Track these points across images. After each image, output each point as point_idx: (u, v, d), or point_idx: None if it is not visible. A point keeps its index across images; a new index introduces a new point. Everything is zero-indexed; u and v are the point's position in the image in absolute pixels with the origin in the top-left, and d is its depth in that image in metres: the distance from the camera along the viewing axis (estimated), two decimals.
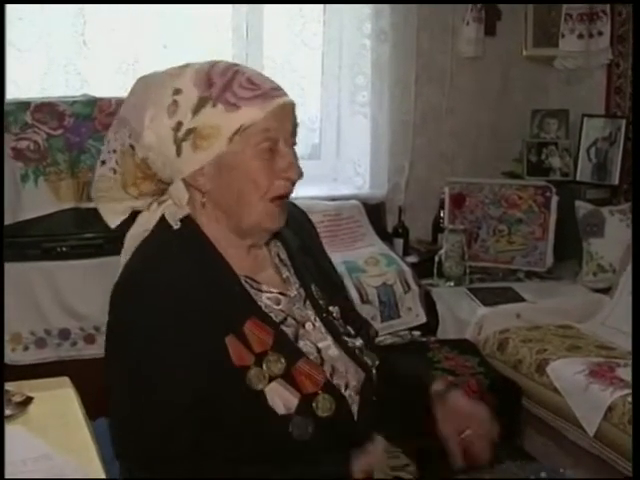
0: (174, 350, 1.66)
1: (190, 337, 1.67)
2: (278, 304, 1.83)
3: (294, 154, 1.79)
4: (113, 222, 1.89)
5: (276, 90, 1.77)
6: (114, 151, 1.87)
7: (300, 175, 1.79)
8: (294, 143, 1.81)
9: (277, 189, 1.76)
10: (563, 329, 4.02)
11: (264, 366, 1.71)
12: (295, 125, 1.80)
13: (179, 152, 1.74)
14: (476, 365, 3.82)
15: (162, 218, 1.83)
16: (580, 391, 3.44)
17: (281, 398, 1.70)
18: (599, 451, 3.36)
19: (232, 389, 1.69)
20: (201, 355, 1.67)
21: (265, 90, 1.74)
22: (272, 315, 1.80)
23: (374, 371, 1.87)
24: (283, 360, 1.73)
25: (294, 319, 1.83)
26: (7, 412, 2.02)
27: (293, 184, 1.79)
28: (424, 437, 1.88)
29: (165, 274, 1.73)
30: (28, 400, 2.09)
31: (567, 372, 3.55)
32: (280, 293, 1.85)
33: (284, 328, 1.80)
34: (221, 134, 1.70)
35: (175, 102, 1.73)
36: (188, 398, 1.65)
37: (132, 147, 1.82)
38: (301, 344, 1.81)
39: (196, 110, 1.71)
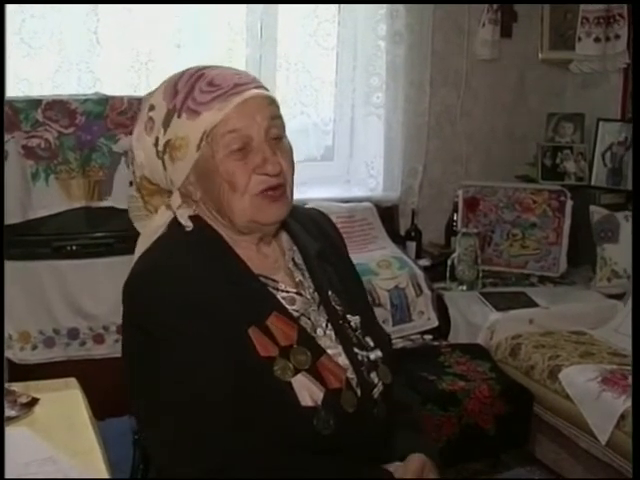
0: (197, 339, 1.64)
1: (211, 327, 1.65)
2: (293, 304, 1.81)
3: (274, 147, 1.74)
4: (152, 238, 1.86)
5: (240, 86, 1.72)
6: None
7: (278, 168, 1.73)
8: (276, 136, 1.75)
9: (257, 185, 1.72)
10: (576, 335, 3.99)
11: (291, 358, 1.71)
12: (274, 116, 1.75)
13: (164, 166, 1.76)
14: (487, 370, 3.79)
15: (175, 217, 1.82)
16: (592, 398, 3.41)
17: (308, 390, 1.69)
18: (611, 459, 3.34)
19: (258, 380, 1.67)
20: (224, 345, 1.66)
21: (225, 89, 1.70)
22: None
23: (379, 389, 1.83)
24: (309, 354, 1.73)
25: (309, 319, 1.81)
26: (12, 413, 2.01)
27: (278, 176, 1.74)
28: None
29: (181, 265, 1.72)
30: (34, 401, 2.08)
31: (580, 379, 3.52)
32: (296, 293, 1.83)
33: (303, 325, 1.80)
34: (190, 143, 1.71)
35: (151, 118, 1.76)
36: (216, 387, 1.63)
37: None
38: None
39: (165, 123, 1.73)
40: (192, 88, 1.71)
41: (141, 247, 1.83)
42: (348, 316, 1.88)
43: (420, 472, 1.79)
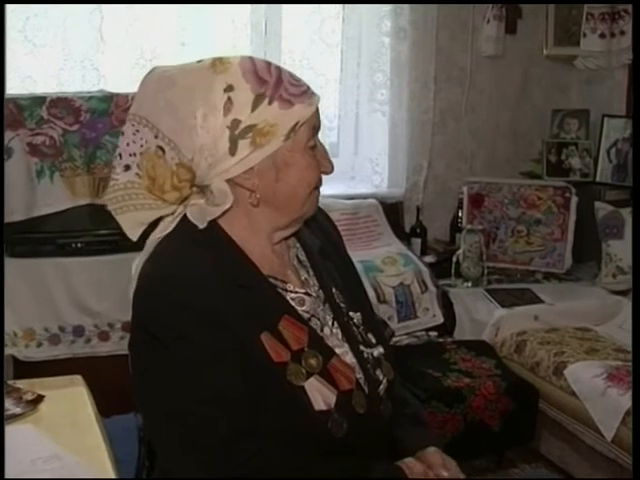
0: (206, 345, 1.63)
1: (221, 333, 1.64)
2: (302, 305, 1.80)
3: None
4: (135, 234, 1.79)
5: (309, 87, 1.77)
6: (134, 154, 1.73)
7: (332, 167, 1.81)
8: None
9: (318, 182, 1.78)
10: (581, 331, 3.99)
11: (302, 362, 1.70)
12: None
13: (233, 151, 1.67)
14: (493, 367, 3.79)
15: (182, 219, 1.77)
16: (598, 395, 3.41)
17: (320, 394, 1.69)
18: (616, 456, 3.34)
19: (271, 385, 1.67)
20: (235, 351, 1.64)
21: (306, 86, 1.75)
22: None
23: (384, 386, 1.83)
24: (320, 357, 1.72)
25: (318, 320, 1.80)
26: (18, 410, 2.02)
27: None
28: None
29: (191, 269, 1.69)
30: (39, 398, 2.09)
31: (585, 375, 3.52)
32: (305, 293, 1.82)
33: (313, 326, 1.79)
34: (278, 131, 1.68)
35: (230, 99, 1.67)
36: (224, 392, 1.62)
37: (161, 149, 1.70)
38: None
39: (254, 107, 1.67)
40: (280, 78, 1.70)
41: (147, 253, 1.78)
42: (350, 313, 1.88)
43: (442, 464, 1.78)
